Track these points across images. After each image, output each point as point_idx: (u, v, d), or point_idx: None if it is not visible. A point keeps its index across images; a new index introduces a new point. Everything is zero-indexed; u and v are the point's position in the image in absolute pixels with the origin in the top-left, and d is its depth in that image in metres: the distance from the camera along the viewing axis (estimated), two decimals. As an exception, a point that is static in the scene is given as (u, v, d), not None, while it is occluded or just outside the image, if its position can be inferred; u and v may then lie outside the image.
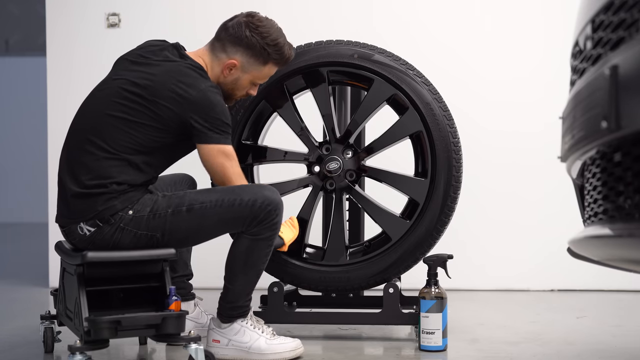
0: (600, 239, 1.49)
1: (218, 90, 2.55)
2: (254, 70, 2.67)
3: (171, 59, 2.55)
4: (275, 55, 2.66)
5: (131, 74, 2.53)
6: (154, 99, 2.47)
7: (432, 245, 2.88)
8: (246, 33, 2.62)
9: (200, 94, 2.47)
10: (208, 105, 2.48)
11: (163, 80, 2.48)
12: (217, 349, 2.62)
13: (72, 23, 4.41)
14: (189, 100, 2.46)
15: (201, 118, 2.47)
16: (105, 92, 2.53)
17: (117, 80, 2.53)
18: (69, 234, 2.50)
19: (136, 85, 2.49)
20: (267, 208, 2.49)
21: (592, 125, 1.39)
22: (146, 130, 2.48)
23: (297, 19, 4.25)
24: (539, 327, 3.18)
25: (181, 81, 2.48)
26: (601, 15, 1.48)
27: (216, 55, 2.65)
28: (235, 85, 2.69)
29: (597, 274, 3.95)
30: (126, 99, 2.48)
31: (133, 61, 2.57)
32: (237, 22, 2.64)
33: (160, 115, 2.47)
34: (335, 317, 2.96)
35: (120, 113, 2.47)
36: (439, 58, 4.20)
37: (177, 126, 2.49)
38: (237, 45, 2.63)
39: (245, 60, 2.65)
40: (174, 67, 2.52)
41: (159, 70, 2.51)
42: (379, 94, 2.88)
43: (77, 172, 2.47)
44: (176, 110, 2.47)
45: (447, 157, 2.84)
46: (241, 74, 2.67)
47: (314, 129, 2.99)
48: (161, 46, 2.60)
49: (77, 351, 2.28)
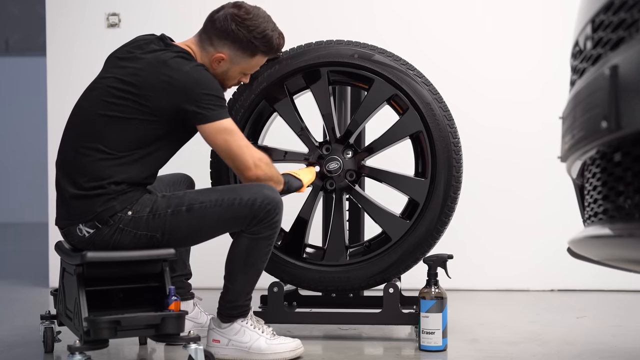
0: (600, 239, 1.49)
1: (203, 67, 2.53)
2: (242, 62, 2.67)
3: (155, 50, 2.53)
4: (263, 47, 2.66)
5: (119, 70, 2.52)
6: (142, 93, 2.46)
7: (432, 245, 2.88)
8: (232, 27, 2.61)
9: (185, 76, 2.46)
10: (195, 85, 2.46)
11: (148, 71, 2.48)
12: (217, 349, 2.62)
13: (72, 23, 4.41)
14: (175, 85, 2.45)
15: (191, 100, 2.46)
16: (96, 92, 2.53)
17: (107, 79, 2.52)
18: (68, 235, 2.50)
19: (124, 82, 2.48)
20: (267, 207, 2.49)
21: (592, 125, 1.39)
22: (139, 126, 2.47)
23: (297, 18, 4.25)
24: (538, 327, 3.18)
25: (165, 68, 2.47)
26: (601, 15, 1.48)
27: (204, 47, 2.64)
28: (225, 75, 2.69)
29: (597, 274, 3.94)
30: (116, 97, 2.47)
31: (120, 57, 2.57)
32: (224, 15, 2.63)
33: (151, 107, 2.46)
34: (335, 317, 2.96)
35: (111, 112, 2.47)
36: (439, 58, 4.20)
37: (169, 115, 2.48)
38: (224, 39, 2.63)
39: (233, 53, 2.65)
40: (158, 57, 2.50)
41: (144, 63, 2.50)
42: (379, 94, 2.88)
43: (74, 174, 2.47)
44: (166, 99, 2.46)
45: (447, 157, 2.83)
46: (230, 65, 2.67)
47: (314, 129, 2.99)
48: (148, 40, 2.59)
49: (76, 351, 2.28)
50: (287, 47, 2.93)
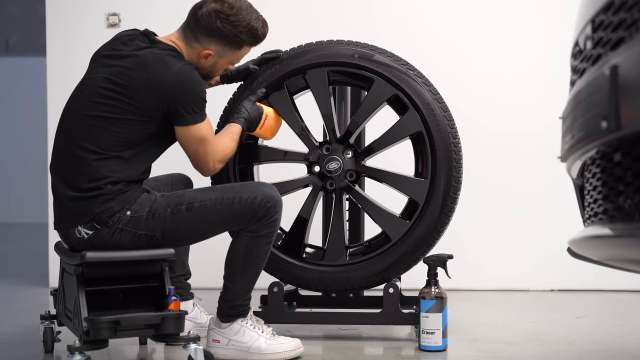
0: (600, 239, 1.49)
1: (190, 67, 2.54)
2: (229, 55, 2.69)
3: (142, 47, 2.53)
4: (249, 39, 2.68)
5: (105, 70, 2.51)
6: (130, 92, 2.45)
7: (432, 246, 2.88)
8: (217, 24, 2.61)
9: (173, 76, 2.46)
10: (182, 86, 2.47)
11: (136, 70, 2.47)
12: (217, 349, 2.62)
13: (72, 23, 4.41)
14: (162, 84, 2.45)
15: (176, 100, 2.46)
16: (84, 93, 2.52)
17: (94, 79, 2.51)
18: (67, 237, 2.49)
19: (111, 81, 2.47)
20: (267, 205, 2.49)
21: (592, 125, 1.39)
22: (129, 125, 2.46)
23: (297, 18, 4.25)
24: (538, 327, 3.18)
25: (154, 67, 2.47)
26: (601, 15, 1.48)
27: (190, 44, 2.64)
28: (213, 68, 2.71)
29: (597, 274, 3.94)
30: (104, 97, 2.47)
31: (106, 55, 2.56)
32: (207, 12, 2.61)
33: (139, 107, 2.46)
34: (335, 317, 2.96)
35: (100, 112, 2.46)
36: (439, 58, 4.19)
37: (157, 113, 2.48)
38: (209, 36, 2.63)
39: (220, 48, 2.65)
40: (145, 54, 2.50)
41: (130, 62, 2.49)
42: (379, 94, 2.88)
43: (70, 177, 2.47)
44: (152, 97, 2.45)
45: (447, 157, 2.83)
46: (217, 59, 2.68)
47: (314, 129, 2.99)
48: (131, 35, 2.58)
49: (76, 351, 2.28)
50: (287, 47, 2.93)
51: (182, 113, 2.48)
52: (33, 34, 9.88)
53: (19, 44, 10.11)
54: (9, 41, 10.12)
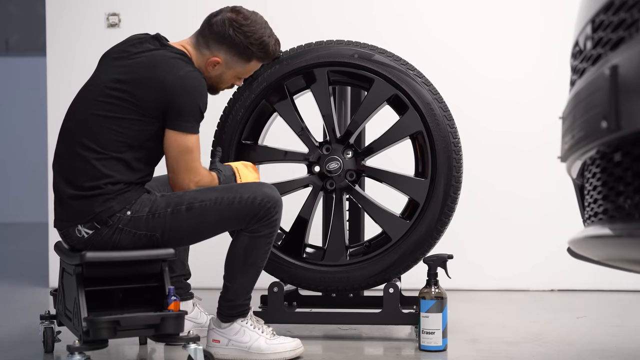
0: (600, 239, 1.49)
1: (198, 75, 2.53)
2: (237, 67, 2.68)
3: (152, 49, 2.54)
4: (259, 53, 2.67)
5: (113, 70, 2.52)
6: (135, 91, 2.46)
7: (432, 245, 2.88)
8: (229, 32, 2.61)
9: (178, 80, 2.47)
10: (185, 92, 2.46)
11: (143, 70, 2.48)
12: (217, 349, 2.62)
13: (72, 23, 4.41)
14: (166, 86, 2.45)
15: (176, 104, 2.46)
16: (90, 92, 2.52)
17: (101, 79, 2.52)
18: (67, 237, 2.50)
19: (118, 81, 2.48)
20: (267, 205, 2.49)
21: (592, 125, 1.39)
22: (132, 125, 2.47)
23: (297, 18, 4.25)
24: (538, 327, 3.18)
25: (160, 68, 2.47)
26: (601, 15, 1.48)
27: (200, 50, 2.64)
28: (219, 79, 2.69)
29: (597, 274, 3.94)
30: (110, 97, 2.47)
31: (115, 57, 2.56)
32: (222, 20, 2.63)
33: (139, 105, 2.46)
34: (335, 317, 2.96)
35: (105, 112, 2.46)
36: (439, 58, 4.19)
37: (157, 112, 2.47)
38: (220, 43, 2.63)
39: (228, 57, 2.65)
40: (154, 56, 2.51)
41: (138, 62, 2.50)
42: (379, 94, 2.88)
43: (71, 176, 2.47)
44: (155, 98, 2.46)
45: (448, 157, 2.83)
46: (225, 69, 2.67)
47: (314, 129, 2.99)
48: (142, 39, 2.59)
49: (76, 351, 2.28)
50: (288, 47, 2.93)
51: (177, 116, 2.48)
52: (33, 34, 9.88)
53: (19, 44, 10.11)
54: (9, 41, 10.12)
